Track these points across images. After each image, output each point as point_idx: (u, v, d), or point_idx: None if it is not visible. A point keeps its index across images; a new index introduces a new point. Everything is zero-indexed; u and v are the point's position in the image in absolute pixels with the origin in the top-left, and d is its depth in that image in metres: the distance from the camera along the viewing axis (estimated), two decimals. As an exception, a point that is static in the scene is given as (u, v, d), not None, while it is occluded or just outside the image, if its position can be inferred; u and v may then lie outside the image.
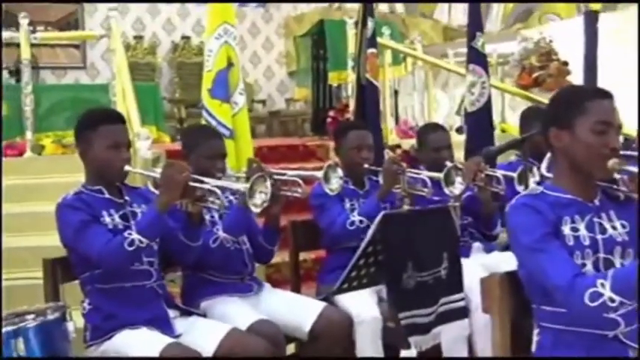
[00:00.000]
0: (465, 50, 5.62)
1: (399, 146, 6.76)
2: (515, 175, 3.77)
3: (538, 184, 2.49)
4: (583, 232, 2.29)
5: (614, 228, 2.33)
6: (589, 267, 2.26)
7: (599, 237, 2.30)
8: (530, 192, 2.39)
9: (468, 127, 5.44)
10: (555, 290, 2.16)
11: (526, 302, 2.37)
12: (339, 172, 3.51)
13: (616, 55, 8.02)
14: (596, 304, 2.07)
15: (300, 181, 3.32)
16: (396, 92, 8.13)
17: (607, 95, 2.31)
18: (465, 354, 3.53)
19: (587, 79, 7.06)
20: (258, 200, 2.93)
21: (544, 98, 6.26)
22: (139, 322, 2.91)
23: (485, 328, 3.51)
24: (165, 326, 2.97)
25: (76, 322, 2.41)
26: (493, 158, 3.50)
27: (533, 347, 2.37)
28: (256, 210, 2.95)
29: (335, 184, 3.50)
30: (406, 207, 2.99)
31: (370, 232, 2.82)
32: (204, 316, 3.22)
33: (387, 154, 5.62)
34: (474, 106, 5.38)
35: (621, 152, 2.28)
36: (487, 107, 5.42)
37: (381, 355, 3.42)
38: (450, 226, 3.01)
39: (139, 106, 5.19)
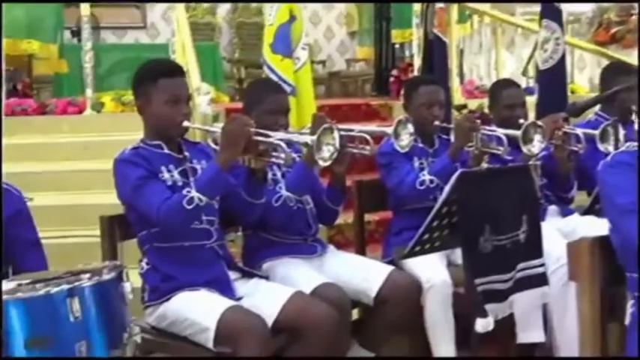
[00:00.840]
0: (533, 9, 5.38)
1: (465, 106, 6.51)
2: (597, 132, 3.54)
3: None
4: None
5: None
6: None
7: None
8: (626, 149, 2.16)
9: (540, 86, 5.21)
10: None
11: (618, 270, 2.17)
12: (410, 127, 3.30)
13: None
14: None
15: (369, 138, 3.12)
16: (461, 51, 7.87)
17: None
18: (539, 324, 3.33)
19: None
20: (326, 153, 2.76)
21: (623, 55, 5.95)
22: (198, 284, 2.79)
23: (561, 296, 3.33)
24: (225, 288, 2.84)
25: (133, 282, 2.27)
26: (578, 114, 3.25)
27: (627, 319, 2.16)
28: (324, 164, 2.79)
29: (405, 140, 3.30)
30: (485, 165, 2.77)
31: (445, 191, 2.62)
32: (267, 278, 3.07)
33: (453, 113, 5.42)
34: (548, 63, 5.15)
35: None
36: (561, 64, 5.19)
37: (452, 322, 3.24)
38: (530, 186, 2.81)
39: (198, 64, 5.06)
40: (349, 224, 4.43)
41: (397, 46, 7.89)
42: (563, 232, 3.67)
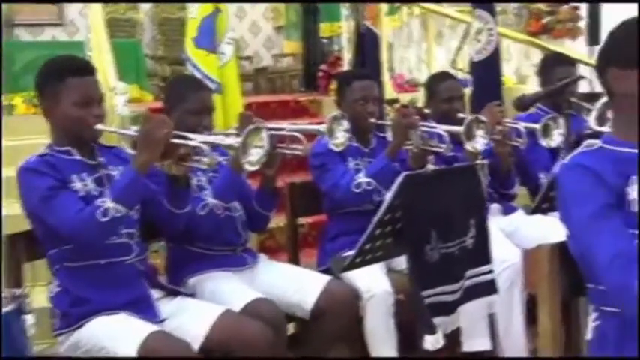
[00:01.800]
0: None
1: (396, 100, 6.34)
2: (538, 127, 3.37)
3: (592, 136, 2.07)
4: None
5: (686, 188, 1.92)
6: None
7: None
8: (586, 148, 1.96)
9: (475, 78, 5.08)
10: (607, 287, 1.80)
11: (578, 279, 1.97)
12: (345, 124, 3.07)
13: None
14: None
15: (301, 137, 2.88)
16: (390, 45, 7.72)
17: None
18: (485, 332, 3.16)
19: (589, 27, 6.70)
20: (254, 157, 2.51)
21: (554, 46, 5.86)
22: (116, 306, 2.50)
23: (507, 300, 3.17)
24: (147, 310, 2.57)
25: (38, 311, 1.99)
26: (526, 108, 3.08)
27: (589, 334, 1.96)
28: (252, 168, 2.54)
29: (341, 138, 3.07)
30: (430, 166, 2.56)
31: (389, 196, 2.39)
32: (193, 295, 2.81)
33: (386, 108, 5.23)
34: (482, 54, 5.06)
35: None
36: (495, 55, 5.07)
37: (394, 332, 3.04)
38: (476, 187, 2.61)
39: (118, 63, 4.75)
40: (281, 228, 4.22)
41: (325, 40, 7.72)
42: (505, 231, 3.52)
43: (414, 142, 3.19)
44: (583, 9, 6.52)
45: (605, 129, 2.28)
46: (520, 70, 7.82)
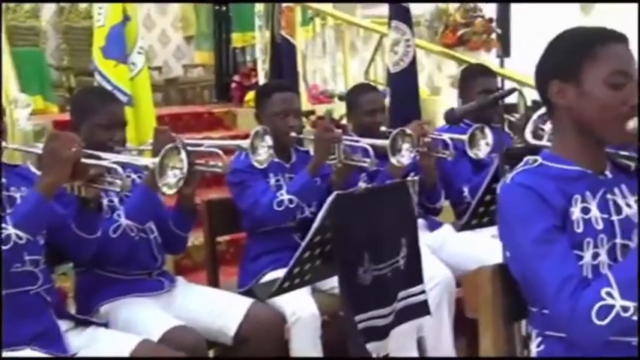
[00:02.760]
0: (373, 12, 5.20)
1: (312, 112, 6.26)
2: (465, 138, 3.31)
3: (527, 150, 1.99)
4: (595, 213, 1.79)
5: (629, 206, 1.85)
6: (603, 257, 1.77)
7: (614, 218, 1.81)
8: (526, 165, 1.87)
9: (393, 89, 5.01)
10: (556, 316, 1.72)
11: (517, 302, 1.88)
12: (268, 140, 2.93)
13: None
14: (608, 320, 1.63)
15: (221, 153, 2.72)
16: (304, 55, 7.63)
17: (622, 39, 1.81)
18: (414, 352, 3.07)
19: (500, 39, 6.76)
20: (172, 179, 2.34)
21: (470, 57, 5.87)
22: (21, 342, 2.29)
23: (435, 318, 3.08)
24: (55, 344, 2.36)
25: None
26: (457, 121, 3.00)
27: (533, 358, 1.88)
28: (170, 191, 2.37)
29: (264, 154, 2.93)
30: (362, 184, 2.43)
31: (319, 217, 2.25)
32: (106, 325, 2.60)
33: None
34: (399, 65, 5.00)
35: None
36: (412, 67, 5.02)
37: (320, 354, 2.91)
38: (407, 205, 2.49)
39: (20, 73, 4.48)
40: (197, 247, 4.06)
41: (238, 50, 7.55)
42: (431, 247, 3.45)
43: (338, 156, 3.08)
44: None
45: (542, 142, 2.21)
46: (433, 82, 7.86)
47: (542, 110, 2.18)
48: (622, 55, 1.79)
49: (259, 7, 5.93)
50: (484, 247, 3.20)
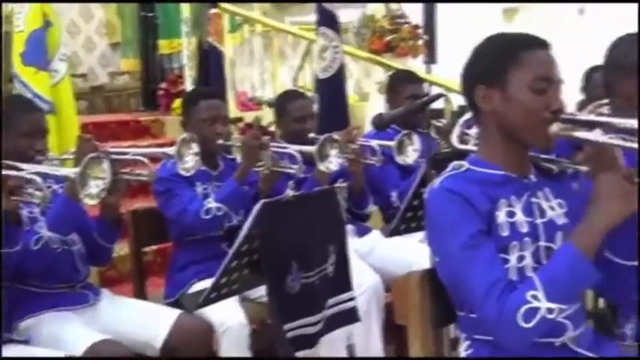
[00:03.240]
0: (302, 19, 5.20)
1: (240, 119, 6.21)
2: (393, 144, 3.32)
3: (454, 155, 1.99)
4: (520, 216, 1.82)
5: (552, 209, 1.89)
6: (528, 260, 1.80)
7: (538, 221, 1.84)
8: (453, 171, 1.88)
9: (321, 95, 5.00)
10: (484, 320, 1.73)
11: (446, 306, 1.89)
12: (195, 147, 2.89)
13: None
14: (533, 322, 1.66)
15: (147, 161, 2.66)
16: (233, 62, 7.58)
17: (545, 45, 1.83)
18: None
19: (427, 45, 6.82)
20: (94, 189, 2.28)
21: (398, 64, 5.90)
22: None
23: (365, 325, 3.08)
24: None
25: None
26: (386, 127, 3.00)
27: (461, 362, 1.88)
28: (92, 202, 2.30)
29: (190, 162, 2.89)
30: (290, 192, 2.41)
31: (246, 226, 2.21)
32: (27, 341, 2.52)
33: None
34: (327, 72, 4.99)
35: (565, 115, 1.81)
36: (340, 73, 5.01)
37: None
38: (336, 211, 2.48)
39: None
40: (123, 257, 3.97)
41: (165, 57, 7.44)
42: (360, 252, 3.44)
43: (265, 163, 3.06)
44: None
45: (468, 147, 2.22)
46: (361, 88, 7.88)
47: (468, 115, 2.19)
48: (545, 61, 1.81)
49: (186, 14, 5.87)
50: (413, 252, 3.22)
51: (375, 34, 6.07)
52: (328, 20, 5.01)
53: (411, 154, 3.41)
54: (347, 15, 7.68)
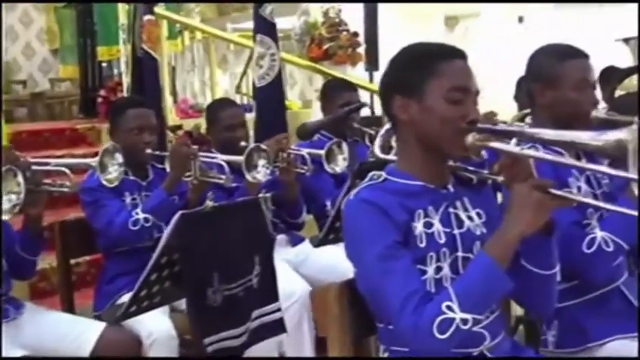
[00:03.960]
0: (244, 26, 5.16)
1: (180, 127, 6.16)
2: (323, 153, 3.31)
3: (376, 165, 1.98)
4: (438, 227, 1.82)
5: (470, 219, 1.89)
6: (446, 271, 1.80)
7: (456, 232, 1.85)
8: (370, 181, 1.87)
9: (258, 103, 4.99)
10: (400, 331, 1.72)
11: (367, 318, 1.88)
12: (119, 157, 2.84)
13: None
14: (448, 333, 1.65)
15: (68, 172, 2.61)
16: (173, 69, 7.51)
17: (461, 55, 1.84)
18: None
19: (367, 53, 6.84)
20: (7, 204, 2.21)
21: (336, 72, 5.90)
22: None
23: (295, 335, 3.05)
24: None
25: None
26: (310, 136, 2.98)
27: (381, 375, 1.87)
28: (5, 217, 2.23)
29: (114, 172, 2.84)
30: (209, 202, 2.37)
31: (164, 237, 2.18)
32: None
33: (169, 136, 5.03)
34: (264, 80, 4.98)
35: (481, 125, 1.82)
36: (278, 81, 5.00)
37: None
38: (260, 222, 2.46)
39: None
40: (55, 269, 3.85)
41: (104, 64, 7.35)
42: (293, 263, 3.43)
43: (193, 173, 3.02)
44: (362, 35, 6.65)
45: (391, 157, 2.22)
46: (305, 95, 7.89)
47: (389, 125, 2.19)
48: (461, 72, 1.82)
49: (123, 20, 5.80)
50: (346, 261, 3.20)
51: (313, 42, 6.07)
52: (265, 28, 4.99)
53: (340, 163, 3.40)
54: (289, 22, 7.70)
